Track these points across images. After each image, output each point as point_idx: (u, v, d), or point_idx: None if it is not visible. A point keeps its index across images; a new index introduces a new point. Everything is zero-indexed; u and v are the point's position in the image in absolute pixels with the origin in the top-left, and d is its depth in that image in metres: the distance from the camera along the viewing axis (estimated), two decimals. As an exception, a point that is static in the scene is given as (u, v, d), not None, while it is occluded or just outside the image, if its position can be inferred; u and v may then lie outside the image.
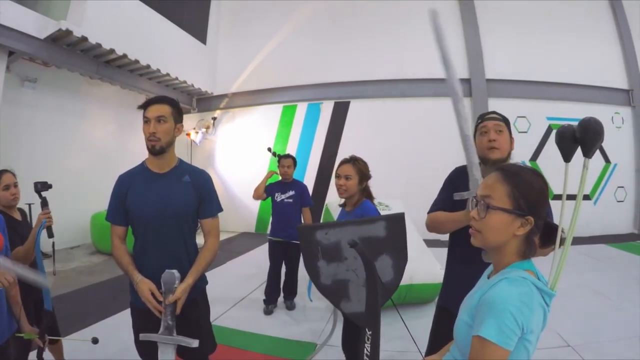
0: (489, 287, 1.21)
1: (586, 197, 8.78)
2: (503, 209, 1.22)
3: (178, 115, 2.21)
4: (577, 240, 3.63)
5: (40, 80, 7.96)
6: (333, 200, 5.91)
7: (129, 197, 2.18)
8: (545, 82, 9.62)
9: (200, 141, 11.24)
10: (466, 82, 9.47)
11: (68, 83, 8.53)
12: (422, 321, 3.18)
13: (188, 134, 11.10)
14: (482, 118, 2.21)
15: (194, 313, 2.16)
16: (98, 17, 7.32)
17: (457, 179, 2.26)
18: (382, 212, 3.07)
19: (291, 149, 10.10)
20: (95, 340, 2.50)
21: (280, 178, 4.99)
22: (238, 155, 10.98)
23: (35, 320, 2.37)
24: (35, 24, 6.79)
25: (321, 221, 5.71)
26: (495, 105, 9.05)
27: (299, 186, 5.03)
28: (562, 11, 9.89)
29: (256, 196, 4.95)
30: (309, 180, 9.84)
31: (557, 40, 9.76)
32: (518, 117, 9.40)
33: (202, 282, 2.29)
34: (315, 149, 10.31)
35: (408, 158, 9.37)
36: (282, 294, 5.01)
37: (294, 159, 5.03)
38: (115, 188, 2.24)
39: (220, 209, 2.37)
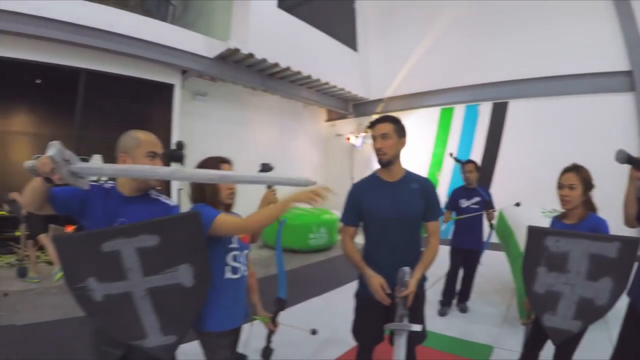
0: None
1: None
2: None
3: (400, 130, 2.43)
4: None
5: (209, 94, 9.05)
6: (501, 203, 5.70)
7: (364, 203, 2.47)
8: None
9: (360, 145, 11.66)
10: (626, 74, 8.26)
11: (233, 95, 9.59)
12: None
13: (347, 138, 11.61)
14: None
15: (414, 304, 2.34)
16: (259, 35, 8.01)
17: None
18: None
19: (450, 151, 9.86)
20: (314, 332, 2.77)
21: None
22: (398, 158, 10.94)
23: None
24: (204, 45, 7.78)
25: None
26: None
27: (484, 192, 4.91)
28: None
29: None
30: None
31: None
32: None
33: (422, 278, 2.48)
34: (475, 152, 9.89)
35: (572, 160, 8.49)
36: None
37: (476, 163, 4.91)
38: (350, 194, 2.57)
39: (442, 213, 2.59)
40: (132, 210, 1.81)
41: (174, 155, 2.35)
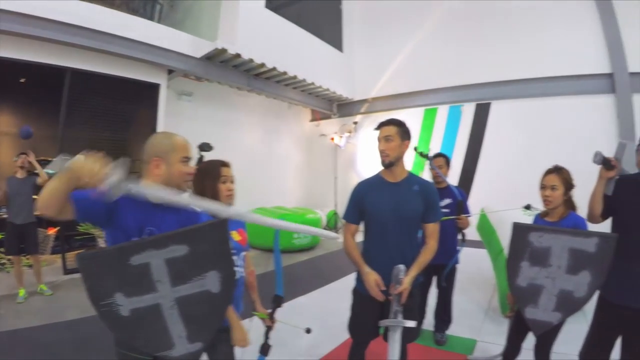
0: None
1: None
2: None
3: (404, 133, 2.53)
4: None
5: (195, 94, 9.11)
6: (483, 202, 5.84)
7: (366, 201, 2.57)
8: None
9: (344, 145, 11.76)
10: (608, 77, 8.39)
11: (219, 95, 9.63)
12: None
13: (332, 139, 11.69)
14: None
15: (409, 302, 2.44)
16: (247, 35, 8.01)
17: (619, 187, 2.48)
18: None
19: (434, 152, 9.83)
20: (308, 330, 2.77)
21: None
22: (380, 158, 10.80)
23: None
24: (191, 45, 7.73)
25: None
26: (642, 101, 8.00)
27: (458, 192, 3.96)
28: None
29: None
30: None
31: None
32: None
33: (419, 276, 2.57)
34: (457, 152, 10.02)
35: (552, 160, 8.57)
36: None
37: (446, 158, 4.25)
38: (354, 193, 2.66)
39: (441, 216, 2.71)
40: (161, 218, 1.76)
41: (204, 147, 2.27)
